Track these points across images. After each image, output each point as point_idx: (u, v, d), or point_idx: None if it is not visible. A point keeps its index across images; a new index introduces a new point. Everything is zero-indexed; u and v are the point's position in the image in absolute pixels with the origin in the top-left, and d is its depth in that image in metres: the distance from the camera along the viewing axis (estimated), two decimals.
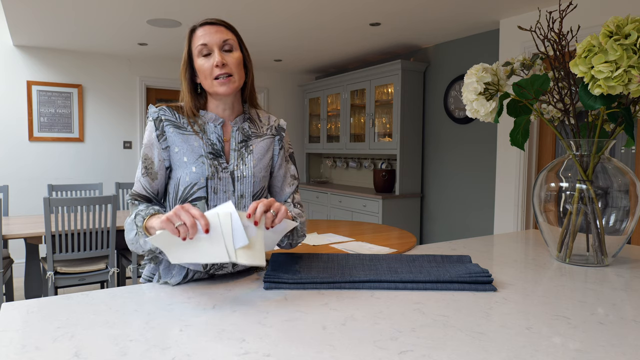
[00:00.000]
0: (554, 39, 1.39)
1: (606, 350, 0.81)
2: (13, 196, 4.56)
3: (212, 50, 1.19)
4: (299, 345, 0.82)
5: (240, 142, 1.25)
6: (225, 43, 1.20)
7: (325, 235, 2.05)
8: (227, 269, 1.24)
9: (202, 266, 1.21)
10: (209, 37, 1.19)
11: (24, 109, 4.57)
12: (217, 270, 1.23)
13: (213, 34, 1.19)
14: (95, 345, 0.81)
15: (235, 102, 1.27)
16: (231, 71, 1.19)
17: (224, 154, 1.23)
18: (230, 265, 1.23)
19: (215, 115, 1.25)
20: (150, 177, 1.21)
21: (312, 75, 6.22)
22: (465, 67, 4.19)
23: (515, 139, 1.45)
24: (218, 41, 1.19)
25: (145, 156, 1.22)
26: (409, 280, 1.15)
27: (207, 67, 1.18)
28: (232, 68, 1.19)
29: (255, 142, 1.28)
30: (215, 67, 1.18)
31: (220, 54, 1.18)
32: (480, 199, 4.09)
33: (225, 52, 1.20)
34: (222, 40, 1.19)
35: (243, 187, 1.23)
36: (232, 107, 1.26)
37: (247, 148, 1.26)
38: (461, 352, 0.79)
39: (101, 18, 3.58)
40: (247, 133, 1.28)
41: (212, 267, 1.22)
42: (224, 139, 1.25)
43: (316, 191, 5.35)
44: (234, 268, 1.25)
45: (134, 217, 1.14)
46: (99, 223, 2.97)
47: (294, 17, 3.55)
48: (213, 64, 1.18)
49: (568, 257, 1.43)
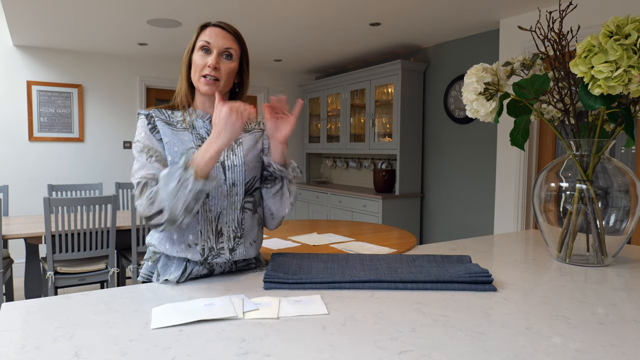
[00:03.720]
0: (554, 39, 1.39)
1: (606, 350, 0.81)
2: (13, 196, 4.56)
3: (212, 51, 1.23)
4: (299, 345, 0.82)
5: None
6: (227, 50, 1.24)
7: (325, 235, 2.05)
8: (224, 256, 1.24)
9: (199, 254, 1.22)
10: (214, 38, 1.23)
11: (24, 109, 4.57)
12: (215, 258, 1.23)
13: (220, 38, 1.23)
14: (95, 345, 0.81)
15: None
16: (220, 77, 1.23)
17: None
18: (227, 252, 1.24)
19: (204, 112, 1.29)
20: (159, 163, 1.20)
21: (312, 75, 6.22)
22: (465, 67, 4.19)
23: (515, 139, 1.45)
24: (221, 46, 1.23)
25: (147, 147, 1.21)
26: (409, 280, 1.15)
27: (200, 63, 1.23)
28: (222, 74, 1.23)
29: (243, 136, 1.32)
30: (207, 67, 1.21)
31: (216, 58, 1.22)
32: (480, 199, 4.09)
33: (224, 59, 1.24)
34: (224, 47, 1.23)
35: (234, 176, 1.25)
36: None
37: (237, 141, 1.30)
38: (461, 352, 0.79)
39: (101, 18, 3.57)
40: None
41: (210, 253, 1.23)
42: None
43: (316, 191, 5.35)
44: (232, 255, 1.26)
45: (167, 170, 1.11)
46: (99, 223, 2.97)
47: (293, 17, 3.55)
48: (207, 63, 1.21)
49: (568, 257, 1.43)
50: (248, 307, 0.99)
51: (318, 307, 1.00)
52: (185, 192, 1.08)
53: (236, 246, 1.26)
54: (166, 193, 1.09)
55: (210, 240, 1.22)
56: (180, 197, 1.09)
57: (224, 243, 1.24)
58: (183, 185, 1.08)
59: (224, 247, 1.24)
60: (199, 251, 1.22)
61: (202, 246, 1.22)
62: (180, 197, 1.09)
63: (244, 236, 1.28)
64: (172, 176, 1.09)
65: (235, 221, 1.26)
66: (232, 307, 0.98)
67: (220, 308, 0.98)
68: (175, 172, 1.09)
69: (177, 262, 1.24)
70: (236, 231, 1.26)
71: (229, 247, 1.25)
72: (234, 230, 1.25)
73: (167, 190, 1.09)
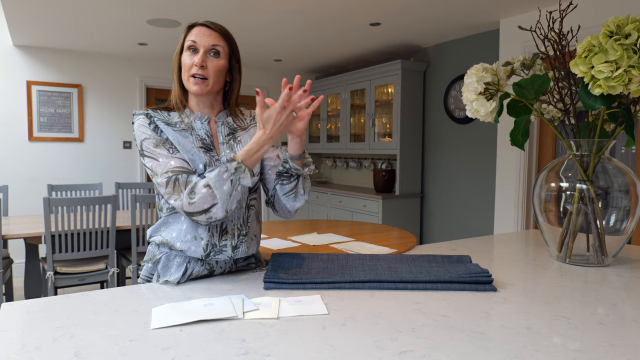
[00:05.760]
0: (554, 39, 1.39)
1: (606, 350, 0.80)
2: (13, 196, 4.56)
3: (198, 50, 1.23)
4: (299, 345, 0.82)
5: (227, 135, 1.30)
6: (214, 48, 1.24)
7: (325, 235, 2.05)
8: (226, 254, 1.24)
9: (202, 249, 1.22)
10: (200, 37, 1.23)
11: (23, 109, 4.57)
12: (217, 254, 1.24)
13: (205, 37, 1.23)
14: (95, 345, 0.81)
15: (215, 103, 1.32)
16: (207, 75, 1.23)
17: (214, 148, 1.27)
18: (229, 249, 1.25)
19: (201, 114, 1.29)
20: (180, 153, 1.20)
21: (312, 75, 6.22)
22: (465, 67, 4.19)
23: (515, 139, 1.45)
24: (207, 44, 1.23)
25: (162, 140, 1.20)
26: (409, 280, 1.15)
27: (188, 63, 1.23)
28: (210, 72, 1.23)
29: (241, 134, 1.33)
30: (194, 66, 1.22)
31: (203, 56, 1.22)
32: (480, 199, 4.09)
33: (211, 57, 1.24)
34: (211, 44, 1.23)
35: None
36: (211, 106, 1.31)
37: (235, 139, 1.31)
38: (461, 352, 0.79)
39: (101, 18, 3.57)
40: (232, 126, 1.33)
41: (212, 249, 1.23)
42: (212, 134, 1.29)
43: (316, 191, 5.35)
44: (234, 253, 1.25)
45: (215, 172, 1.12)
46: (98, 223, 2.97)
47: (293, 17, 3.55)
48: (194, 62, 1.22)
49: (568, 257, 1.43)
50: (248, 307, 0.99)
51: (318, 307, 1.00)
52: (238, 191, 1.14)
53: (239, 244, 1.26)
54: (221, 194, 1.12)
55: (214, 237, 1.23)
56: (235, 197, 1.15)
57: (227, 240, 1.24)
58: (236, 186, 1.13)
59: (227, 244, 1.24)
60: (202, 246, 1.22)
61: (206, 242, 1.22)
62: (235, 196, 1.14)
63: (248, 234, 1.28)
64: (223, 178, 1.12)
65: (240, 219, 1.26)
66: (232, 307, 0.98)
67: (220, 308, 0.98)
68: (225, 174, 1.12)
69: (178, 263, 1.24)
70: (241, 229, 1.26)
71: (232, 244, 1.25)
72: (239, 228, 1.26)
73: (222, 192, 1.12)
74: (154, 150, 1.19)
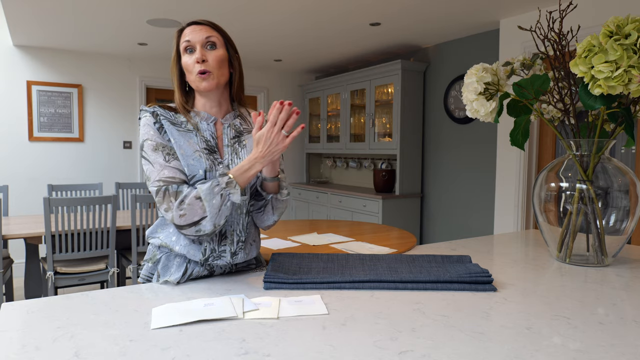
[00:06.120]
0: (554, 39, 1.39)
1: (606, 350, 0.80)
2: (13, 196, 4.56)
3: (195, 47, 1.23)
4: (299, 345, 0.82)
5: (232, 138, 1.29)
6: (208, 40, 1.24)
7: (325, 235, 2.05)
8: (225, 259, 1.24)
9: (201, 253, 1.22)
10: (192, 35, 1.24)
11: (23, 109, 4.57)
12: (216, 259, 1.23)
13: (197, 32, 1.24)
14: (95, 345, 0.81)
15: (222, 100, 1.31)
16: (210, 68, 1.23)
17: (218, 150, 1.26)
18: (228, 255, 1.24)
19: (207, 114, 1.28)
20: (177, 161, 1.19)
21: (312, 75, 6.22)
22: (465, 67, 4.19)
23: (515, 139, 1.45)
24: (201, 38, 1.23)
25: (161, 145, 1.19)
26: (409, 280, 1.15)
27: (190, 63, 1.23)
28: (212, 65, 1.23)
29: (247, 138, 1.32)
30: (197, 63, 1.22)
31: (201, 51, 1.23)
32: (480, 199, 4.09)
33: (209, 50, 1.24)
34: (205, 37, 1.24)
35: None
36: (219, 104, 1.30)
37: (240, 143, 1.30)
38: (461, 352, 0.79)
39: (101, 18, 3.57)
40: (238, 129, 1.31)
41: (211, 255, 1.23)
42: (217, 136, 1.28)
43: (316, 191, 5.35)
44: (233, 259, 1.25)
45: (207, 186, 1.13)
46: (98, 223, 2.97)
47: (293, 17, 3.55)
48: (195, 59, 1.22)
49: (568, 257, 1.43)
50: (248, 307, 0.99)
51: (318, 307, 1.00)
52: (227, 206, 1.14)
53: (238, 250, 1.26)
54: (210, 207, 1.12)
55: (213, 242, 1.22)
56: (224, 212, 1.15)
57: (226, 246, 1.24)
58: (225, 201, 1.13)
59: (226, 250, 1.24)
60: (201, 251, 1.22)
61: (204, 246, 1.22)
62: (224, 211, 1.15)
63: (247, 240, 1.28)
64: (214, 192, 1.12)
65: (240, 225, 1.26)
66: (232, 307, 0.98)
67: (220, 308, 0.98)
68: (216, 187, 1.12)
69: (178, 263, 1.24)
70: (240, 235, 1.26)
71: (231, 250, 1.25)
72: (238, 234, 1.25)
73: (212, 205, 1.12)
74: (151, 155, 1.18)
